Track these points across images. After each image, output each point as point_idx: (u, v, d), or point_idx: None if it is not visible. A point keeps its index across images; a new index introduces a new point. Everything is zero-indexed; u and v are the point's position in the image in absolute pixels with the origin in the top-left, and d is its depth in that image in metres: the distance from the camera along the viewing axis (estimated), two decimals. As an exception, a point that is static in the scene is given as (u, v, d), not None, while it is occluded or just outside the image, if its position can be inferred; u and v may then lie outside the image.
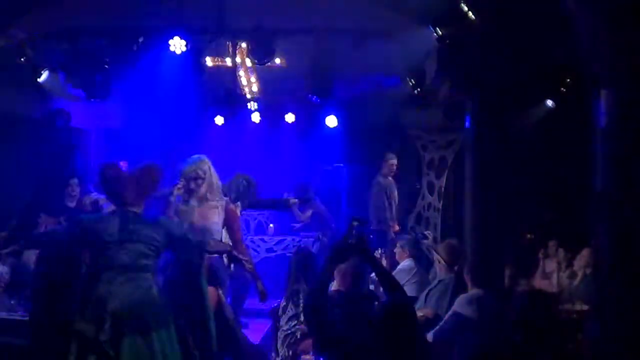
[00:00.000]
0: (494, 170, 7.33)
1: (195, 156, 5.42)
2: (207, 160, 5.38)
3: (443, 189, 10.13)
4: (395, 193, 9.50)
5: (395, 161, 9.54)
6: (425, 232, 7.69)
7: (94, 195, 5.74)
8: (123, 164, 5.00)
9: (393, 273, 7.10)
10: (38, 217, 5.56)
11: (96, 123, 10.30)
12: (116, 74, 8.21)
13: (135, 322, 4.08)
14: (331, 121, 10.57)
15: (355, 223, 3.51)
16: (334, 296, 4.57)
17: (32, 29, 7.57)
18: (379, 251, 7.83)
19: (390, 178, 9.53)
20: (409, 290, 6.70)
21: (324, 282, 3.49)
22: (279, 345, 5.38)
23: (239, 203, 6.39)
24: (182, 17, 7.87)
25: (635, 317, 3.58)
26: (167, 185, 5.29)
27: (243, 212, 6.88)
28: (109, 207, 4.90)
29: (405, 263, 7.01)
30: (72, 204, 5.81)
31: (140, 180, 4.37)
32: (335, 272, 4.43)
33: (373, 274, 5.28)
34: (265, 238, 10.35)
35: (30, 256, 7.09)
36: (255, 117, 10.61)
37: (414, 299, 5.97)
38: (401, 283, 6.86)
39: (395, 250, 7.28)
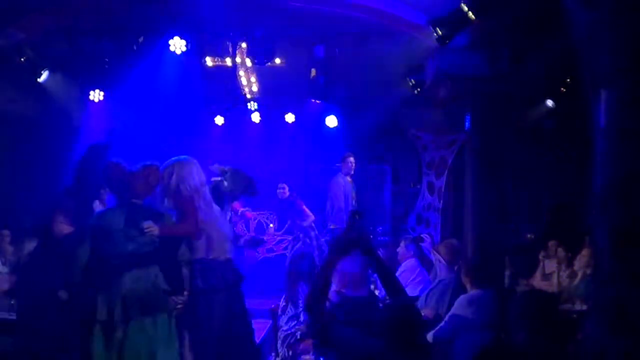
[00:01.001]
0: (493, 170, 7.33)
1: (170, 159, 5.34)
2: (181, 160, 5.26)
3: (443, 189, 10.12)
4: (354, 193, 9.48)
5: (353, 159, 9.53)
6: (423, 235, 7.70)
7: None
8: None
9: (398, 273, 7.16)
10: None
11: (96, 123, 10.30)
12: (116, 74, 8.21)
13: (142, 306, 4.37)
14: (331, 121, 10.58)
15: (356, 217, 3.50)
16: (333, 297, 4.56)
17: (32, 29, 7.57)
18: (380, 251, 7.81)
19: (349, 178, 9.51)
20: (413, 289, 6.73)
21: (325, 277, 3.46)
22: (279, 345, 5.38)
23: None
24: (182, 17, 7.87)
25: (635, 317, 3.58)
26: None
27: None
28: None
29: (409, 263, 7.05)
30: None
31: (144, 178, 4.70)
32: (335, 273, 4.42)
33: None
34: (265, 238, 10.35)
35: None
36: (255, 117, 10.60)
37: (416, 299, 5.98)
38: (406, 282, 6.92)
39: (398, 250, 7.31)
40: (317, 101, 8.81)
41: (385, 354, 3.21)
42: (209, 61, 8.79)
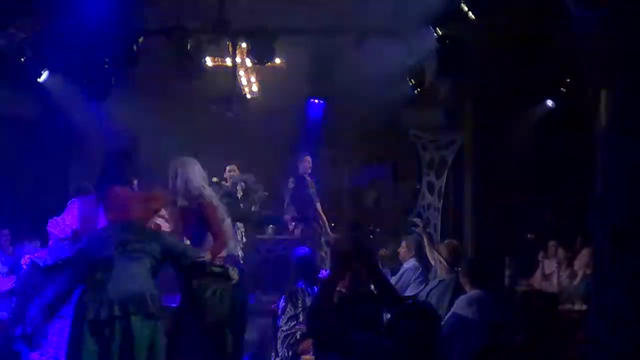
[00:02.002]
0: (493, 170, 7.33)
1: (172, 161, 5.38)
2: (183, 160, 5.31)
3: (443, 189, 10.12)
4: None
5: (310, 159, 9.54)
6: (414, 219, 7.71)
7: None
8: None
9: (399, 273, 7.17)
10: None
11: (96, 123, 10.29)
12: (116, 74, 8.20)
13: (132, 307, 4.36)
14: (331, 121, 10.56)
15: (357, 229, 3.47)
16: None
17: (32, 29, 7.57)
18: (384, 251, 7.80)
19: (307, 177, 9.52)
20: (415, 288, 6.74)
21: (329, 292, 3.43)
22: (279, 345, 5.38)
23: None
24: (182, 17, 7.87)
25: (635, 317, 3.58)
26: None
27: None
28: None
29: (410, 262, 7.07)
30: None
31: (146, 203, 4.76)
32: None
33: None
34: (265, 238, 10.32)
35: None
36: (255, 116, 10.58)
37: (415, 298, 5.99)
38: (407, 282, 6.91)
39: (399, 250, 7.34)
40: (318, 101, 8.81)
41: (398, 356, 3.19)
42: (209, 61, 8.78)
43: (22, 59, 8.01)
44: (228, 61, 8.80)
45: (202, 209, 5.20)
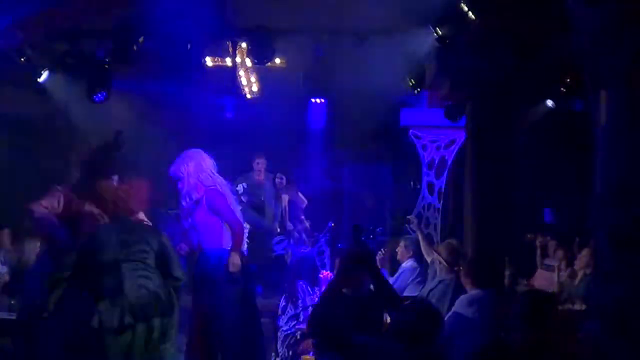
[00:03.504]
0: (494, 170, 7.33)
1: (182, 154, 5.39)
2: (190, 157, 5.31)
3: (443, 189, 10.12)
4: (263, 191, 9.50)
5: (263, 160, 9.56)
6: (408, 217, 7.73)
7: None
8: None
9: (397, 273, 7.16)
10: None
11: (96, 123, 10.29)
12: (116, 74, 8.20)
13: (151, 309, 4.42)
14: (331, 121, 10.57)
15: (358, 232, 3.46)
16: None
17: (32, 29, 7.56)
18: (382, 251, 7.82)
19: (257, 178, 9.56)
20: (414, 289, 6.73)
21: (332, 296, 3.42)
22: (279, 345, 5.39)
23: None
24: (183, 17, 7.86)
25: (636, 317, 3.58)
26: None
27: None
28: None
29: (409, 263, 7.07)
30: None
31: (135, 193, 4.80)
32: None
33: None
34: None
35: (31, 255, 7.12)
36: (254, 117, 10.58)
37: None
38: (405, 283, 6.90)
39: (397, 250, 7.32)
40: (318, 100, 8.80)
41: (399, 357, 3.19)
42: (209, 61, 8.78)
43: (22, 59, 8.01)
44: (228, 61, 8.79)
45: (213, 198, 5.20)
